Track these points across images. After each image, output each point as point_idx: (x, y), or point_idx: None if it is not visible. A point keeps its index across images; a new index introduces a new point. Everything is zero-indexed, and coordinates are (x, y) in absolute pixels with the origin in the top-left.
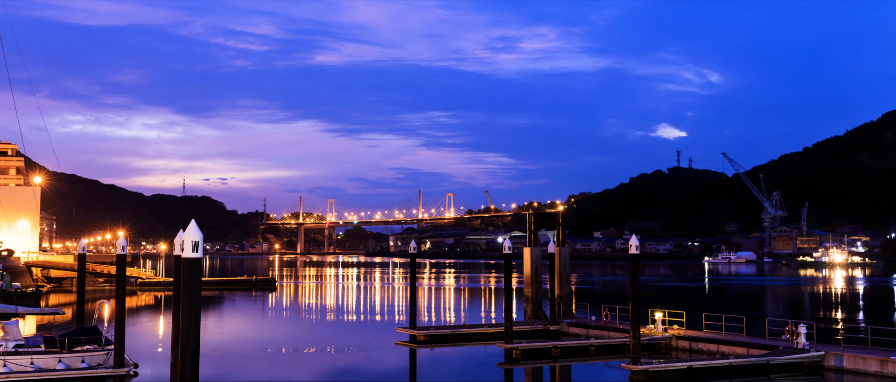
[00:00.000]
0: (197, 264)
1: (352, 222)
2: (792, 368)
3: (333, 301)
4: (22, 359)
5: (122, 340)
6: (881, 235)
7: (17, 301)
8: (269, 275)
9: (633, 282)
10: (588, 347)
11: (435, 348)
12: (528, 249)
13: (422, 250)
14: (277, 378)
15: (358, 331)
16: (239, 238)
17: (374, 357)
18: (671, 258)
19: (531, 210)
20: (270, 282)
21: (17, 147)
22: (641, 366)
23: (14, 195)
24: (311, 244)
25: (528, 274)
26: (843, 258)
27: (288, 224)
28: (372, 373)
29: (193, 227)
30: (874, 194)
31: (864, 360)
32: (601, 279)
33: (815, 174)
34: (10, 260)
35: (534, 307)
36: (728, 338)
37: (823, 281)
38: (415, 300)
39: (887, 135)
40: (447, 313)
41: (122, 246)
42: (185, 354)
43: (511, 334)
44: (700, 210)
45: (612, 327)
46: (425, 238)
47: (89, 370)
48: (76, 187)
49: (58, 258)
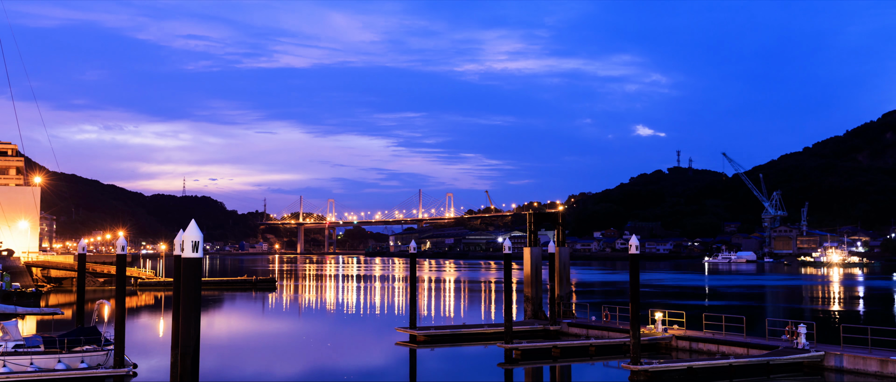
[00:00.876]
0: (197, 264)
1: (352, 222)
2: (792, 368)
3: (333, 301)
4: (21, 359)
5: (121, 340)
6: (881, 235)
7: (17, 301)
8: (268, 275)
9: (633, 282)
10: (588, 347)
11: (435, 348)
12: (528, 249)
13: (422, 250)
14: (277, 378)
15: (358, 331)
16: (239, 238)
17: (373, 356)
18: (671, 258)
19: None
20: (270, 282)
21: (16, 147)
22: (641, 366)
23: (14, 195)
24: (311, 243)
25: (528, 274)
26: (842, 258)
27: (288, 224)
28: (372, 373)
29: (193, 227)
30: (874, 194)
31: (864, 360)
32: (601, 278)
33: (815, 174)
34: (10, 260)
35: (534, 307)
36: (728, 338)
37: (823, 281)
38: (415, 299)
39: (887, 135)
40: (447, 312)
41: (121, 246)
42: (185, 354)
43: (511, 334)
44: (700, 210)
45: (612, 327)
46: (425, 238)
47: (89, 370)
48: (76, 188)
49: (58, 258)
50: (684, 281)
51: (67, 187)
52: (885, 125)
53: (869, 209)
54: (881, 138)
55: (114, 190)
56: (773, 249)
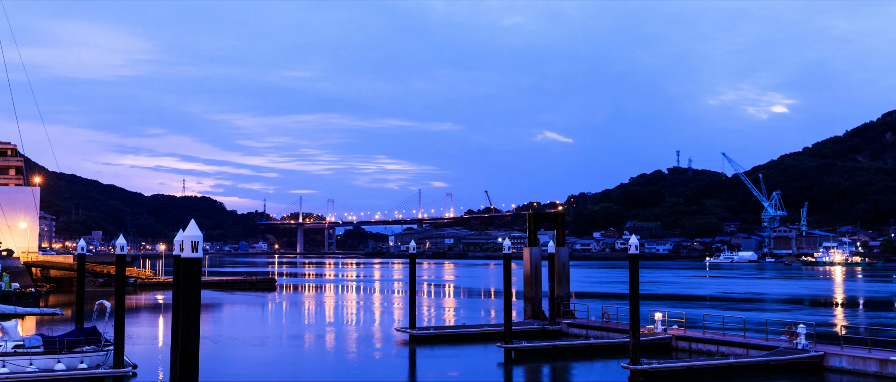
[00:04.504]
0: (196, 264)
1: (352, 221)
2: (792, 368)
3: (333, 301)
4: (21, 360)
5: (121, 340)
6: (881, 235)
7: (17, 302)
8: (268, 275)
9: (633, 282)
10: (588, 347)
11: (435, 348)
12: (527, 249)
13: (422, 250)
14: (277, 378)
15: (357, 331)
16: (238, 238)
17: (373, 357)
18: (671, 259)
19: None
20: (270, 282)
21: (16, 147)
22: (641, 366)
23: (14, 196)
24: (310, 243)
25: (527, 274)
26: (842, 258)
27: (287, 224)
28: (372, 373)
29: (193, 227)
30: (874, 194)
31: (864, 360)
32: (601, 278)
33: (815, 174)
34: (10, 260)
35: (533, 307)
36: (728, 338)
37: (823, 281)
38: (414, 300)
39: (887, 135)
40: (447, 313)
41: (121, 246)
42: (185, 354)
43: (511, 334)
44: (700, 210)
45: (612, 327)
46: (425, 238)
47: (89, 370)
48: (76, 188)
49: (57, 258)
50: (684, 281)
51: (67, 187)
52: (885, 125)
53: (869, 209)
54: (881, 138)
55: (113, 190)
56: (773, 249)
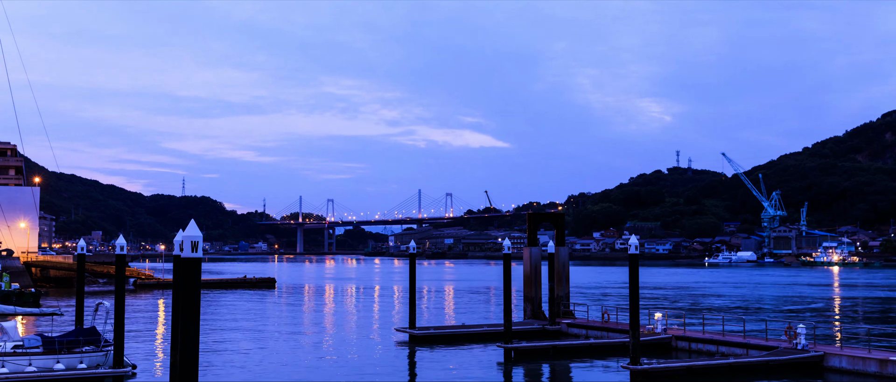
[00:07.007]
0: (196, 264)
1: (351, 221)
2: (792, 368)
3: (332, 301)
4: (20, 360)
5: (120, 341)
6: (881, 235)
7: (16, 302)
8: (267, 275)
9: (633, 282)
10: (588, 347)
11: (434, 348)
12: (527, 249)
13: (421, 250)
14: (276, 378)
15: (357, 331)
16: (238, 238)
17: (373, 357)
18: (671, 259)
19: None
20: (269, 282)
21: (16, 147)
22: (641, 366)
23: (13, 196)
24: (310, 243)
25: (527, 274)
26: (842, 258)
27: (287, 224)
28: (371, 373)
29: (193, 227)
30: (874, 194)
31: (864, 360)
32: (600, 278)
33: (815, 174)
34: (10, 260)
35: (533, 307)
36: (728, 338)
37: (823, 281)
38: (414, 300)
39: (887, 135)
40: (447, 313)
41: (121, 246)
42: (185, 354)
43: (510, 334)
44: (700, 210)
45: (612, 327)
46: (425, 238)
47: (88, 371)
48: (76, 188)
49: (57, 258)
50: (685, 280)
51: (67, 187)
52: (885, 125)
53: (869, 209)
54: (881, 138)
55: (113, 190)
56: (773, 249)
